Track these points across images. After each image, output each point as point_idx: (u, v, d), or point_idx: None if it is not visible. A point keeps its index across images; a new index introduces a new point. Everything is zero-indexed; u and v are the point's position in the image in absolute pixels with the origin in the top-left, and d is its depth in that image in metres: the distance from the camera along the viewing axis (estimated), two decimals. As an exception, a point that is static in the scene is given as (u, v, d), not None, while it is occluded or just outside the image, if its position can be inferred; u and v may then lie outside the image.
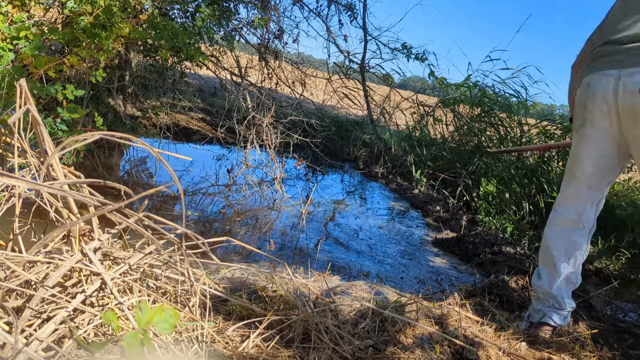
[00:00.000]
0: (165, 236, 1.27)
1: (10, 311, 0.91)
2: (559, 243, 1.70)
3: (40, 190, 1.21)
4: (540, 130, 4.43)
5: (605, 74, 1.53)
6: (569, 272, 1.70)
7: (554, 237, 1.72)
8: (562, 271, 1.70)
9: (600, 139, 1.58)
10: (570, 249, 1.69)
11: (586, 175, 1.63)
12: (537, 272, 1.81)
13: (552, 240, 1.72)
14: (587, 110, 1.60)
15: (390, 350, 1.40)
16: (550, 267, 1.73)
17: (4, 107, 1.78)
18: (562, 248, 1.70)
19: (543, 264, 1.78)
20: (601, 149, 1.59)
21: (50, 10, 3.04)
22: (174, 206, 2.79)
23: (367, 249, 2.66)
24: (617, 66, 1.51)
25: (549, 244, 1.73)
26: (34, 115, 1.24)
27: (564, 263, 1.69)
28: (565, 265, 1.69)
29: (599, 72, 1.55)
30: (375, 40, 5.50)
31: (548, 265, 1.74)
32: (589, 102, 1.58)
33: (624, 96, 1.47)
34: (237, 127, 3.88)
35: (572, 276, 1.72)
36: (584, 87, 1.61)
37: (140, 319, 0.63)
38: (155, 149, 1.21)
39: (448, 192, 4.14)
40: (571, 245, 1.68)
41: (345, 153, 5.35)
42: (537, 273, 1.81)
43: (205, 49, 4.37)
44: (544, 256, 1.77)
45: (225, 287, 1.65)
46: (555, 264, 1.70)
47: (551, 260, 1.72)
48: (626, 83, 1.46)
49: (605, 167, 1.62)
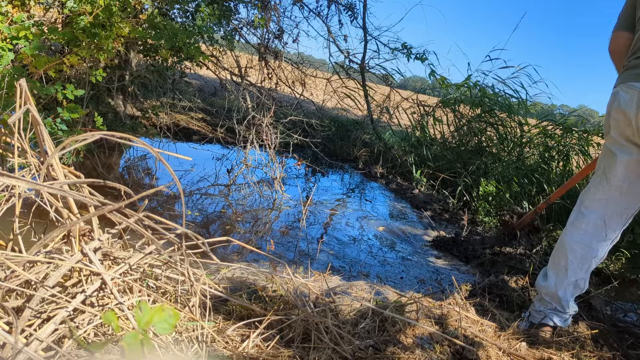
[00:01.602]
0: (165, 236, 1.27)
1: (10, 311, 0.91)
2: (577, 248, 1.65)
3: (40, 190, 1.21)
4: (540, 130, 4.43)
5: (632, 85, 1.52)
6: (579, 277, 1.67)
7: (573, 241, 1.66)
8: (572, 276, 1.66)
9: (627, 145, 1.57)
10: (587, 256, 1.64)
11: (618, 179, 1.58)
12: (544, 272, 1.78)
13: (570, 243, 1.67)
14: (611, 118, 1.60)
15: (390, 350, 1.40)
16: (561, 270, 1.69)
17: (4, 107, 1.78)
18: (579, 253, 1.65)
19: (553, 265, 1.73)
20: (630, 154, 1.56)
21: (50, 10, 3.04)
22: (174, 206, 2.79)
23: (367, 249, 2.66)
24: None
25: (566, 246, 1.67)
26: (34, 115, 1.24)
27: (577, 268, 1.65)
28: (577, 271, 1.66)
29: (627, 83, 1.55)
30: (376, 40, 5.50)
31: (559, 267, 1.70)
32: (613, 111, 1.58)
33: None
34: (237, 127, 3.87)
35: (582, 282, 1.69)
36: (613, 95, 1.61)
37: (140, 319, 0.63)
38: (155, 149, 1.21)
39: (448, 192, 4.14)
40: (589, 252, 1.64)
41: (345, 153, 5.35)
42: (544, 274, 1.77)
43: (205, 48, 4.36)
44: (557, 257, 1.72)
45: (225, 287, 1.65)
46: (567, 267, 1.66)
47: (564, 263, 1.67)
48: None
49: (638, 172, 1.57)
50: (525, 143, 4.46)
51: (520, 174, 3.83)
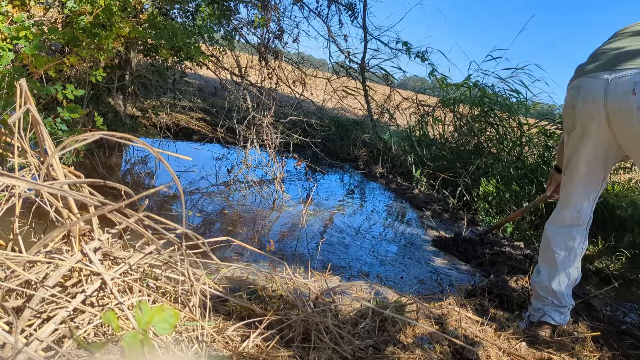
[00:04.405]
0: (165, 236, 1.27)
1: (10, 311, 0.91)
2: (559, 239, 1.75)
3: (40, 190, 1.21)
4: (539, 130, 4.43)
5: (596, 76, 1.54)
6: (568, 267, 1.74)
7: (554, 233, 1.77)
8: (561, 266, 1.73)
9: (591, 141, 1.60)
10: (570, 244, 1.73)
11: (581, 175, 1.67)
12: (537, 268, 1.84)
13: (552, 236, 1.77)
14: (575, 112, 1.61)
15: (390, 350, 1.40)
16: (550, 262, 1.77)
17: (4, 107, 1.78)
18: (562, 243, 1.74)
19: (542, 259, 1.82)
20: (593, 150, 1.61)
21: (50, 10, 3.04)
22: (174, 206, 2.79)
23: (367, 249, 2.66)
24: (608, 67, 1.52)
25: (549, 239, 1.77)
26: (34, 115, 1.24)
27: (564, 258, 1.73)
28: (564, 260, 1.73)
29: (590, 74, 1.57)
30: (376, 39, 5.50)
31: (547, 260, 1.78)
32: (578, 105, 1.59)
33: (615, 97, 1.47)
34: (237, 127, 3.87)
35: (573, 271, 1.75)
36: (574, 90, 1.63)
37: (140, 319, 0.63)
38: (155, 149, 1.21)
39: (448, 192, 4.14)
40: (570, 240, 1.73)
41: (345, 153, 5.35)
42: (537, 269, 1.84)
43: (205, 48, 4.36)
44: (544, 252, 1.80)
45: (225, 287, 1.65)
46: (554, 258, 1.74)
47: (551, 255, 1.76)
48: (617, 84, 1.47)
49: (599, 165, 1.65)
50: (525, 143, 4.46)
51: (520, 174, 3.83)
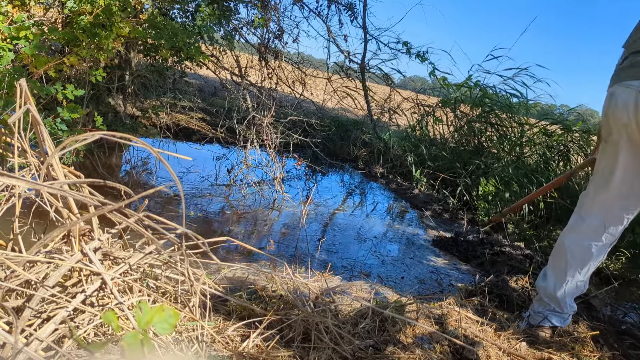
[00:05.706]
0: (165, 236, 1.27)
1: (10, 311, 0.91)
2: (577, 251, 1.65)
3: (40, 190, 1.21)
4: (539, 130, 4.43)
5: (628, 85, 1.49)
6: (579, 280, 1.67)
7: (572, 244, 1.66)
8: (571, 278, 1.66)
9: (625, 148, 1.54)
10: (586, 259, 1.64)
11: (617, 181, 1.55)
12: (544, 272, 1.78)
13: (570, 246, 1.66)
14: (609, 120, 1.57)
15: (390, 350, 1.40)
16: (560, 272, 1.69)
17: (4, 107, 1.78)
18: (578, 256, 1.65)
19: (553, 266, 1.73)
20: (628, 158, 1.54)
21: (50, 10, 3.04)
22: (174, 206, 2.79)
23: (367, 249, 2.66)
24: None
25: (565, 249, 1.67)
26: (34, 115, 1.24)
27: (576, 271, 1.65)
28: (576, 273, 1.66)
29: (623, 82, 1.52)
30: (376, 39, 5.49)
31: (558, 269, 1.70)
32: (610, 113, 1.55)
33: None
34: (237, 127, 3.87)
35: (581, 284, 1.69)
36: (608, 97, 1.59)
37: (140, 319, 0.63)
38: (155, 149, 1.21)
39: (448, 192, 4.14)
40: (588, 256, 1.64)
41: (345, 153, 5.35)
42: (544, 274, 1.77)
43: (205, 48, 4.36)
44: (557, 259, 1.71)
45: (225, 287, 1.65)
46: (566, 270, 1.66)
47: (564, 265, 1.67)
48: None
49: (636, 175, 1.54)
50: (526, 143, 4.46)
51: (520, 174, 3.83)
